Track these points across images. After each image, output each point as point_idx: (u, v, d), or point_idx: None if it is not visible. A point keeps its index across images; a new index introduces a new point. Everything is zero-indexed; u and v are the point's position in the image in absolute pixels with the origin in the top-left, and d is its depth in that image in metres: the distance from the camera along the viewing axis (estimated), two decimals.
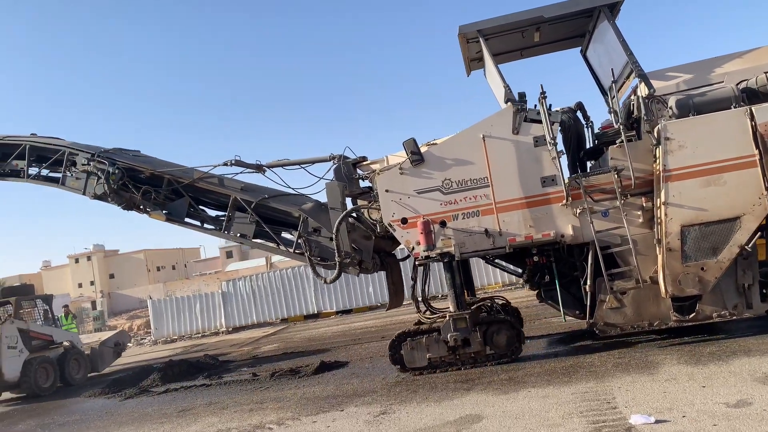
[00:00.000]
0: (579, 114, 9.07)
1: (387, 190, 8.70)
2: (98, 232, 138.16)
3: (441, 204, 8.46)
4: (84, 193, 11.37)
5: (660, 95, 7.76)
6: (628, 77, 8.45)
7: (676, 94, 7.85)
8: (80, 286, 72.00)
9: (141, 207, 10.97)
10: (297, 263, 34.85)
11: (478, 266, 22.78)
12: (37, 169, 12.42)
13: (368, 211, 9.49)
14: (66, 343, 15.13)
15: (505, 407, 6.33)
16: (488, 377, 7.84)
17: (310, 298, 24.61)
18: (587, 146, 9.20)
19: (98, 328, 33.26)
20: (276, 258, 54.17)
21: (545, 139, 7.96)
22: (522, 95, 8.29)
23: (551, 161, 8.02)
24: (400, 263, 10.91)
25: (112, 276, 73.35)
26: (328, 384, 9.43)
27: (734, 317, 7.55)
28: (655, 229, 7.57)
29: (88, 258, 73.71)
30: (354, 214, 9.58)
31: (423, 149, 8.68)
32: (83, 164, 11.29)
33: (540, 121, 8.03)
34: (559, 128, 8.27)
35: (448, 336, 8.25)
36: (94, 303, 56.61)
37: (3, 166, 12.56)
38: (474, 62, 9.93)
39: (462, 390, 7.42)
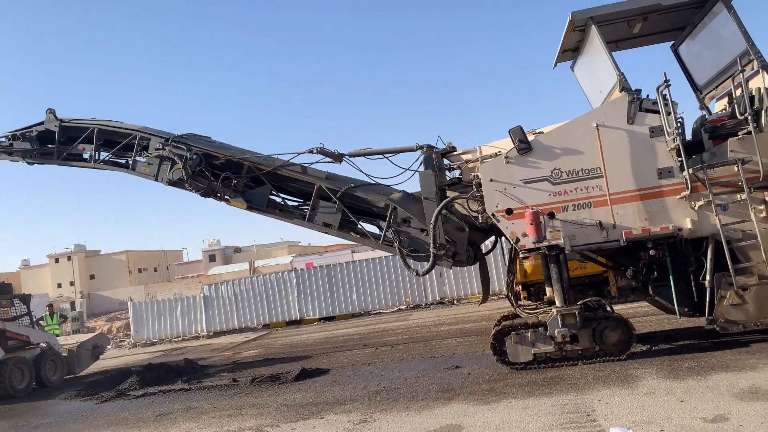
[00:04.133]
0: None
1: (491, 180, 8.46)
2: (81, 232, 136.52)
3: (549, 194, 8.22)
4: (156, 179, 11.08)
5: None
6: (742, 70, 8.07)
7: None
8: (59, 286, 70.98)
9: (219, 194, 10.70)
10: (281, 269, 34.76)
11: (458, 276, 22.89)
12: (102, 155, 12.05)
13: (467, 202, 9.22)
14: (43, 344, 14.90)
15: (486, 418, 6.33)
16: (470, 387, 7.84)
17: (292, 304, 24.47)
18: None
19: (77, 330, 32.73)
20: (259, 263, 53.84)
21: (662, 130, 7.81)
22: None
23: (668, 153, 7.86)
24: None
25: (92, 277, 72.43)
26: (308, 391, 9.37)
27: None
28: None
29: (69, 258, 72.74)
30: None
31: (530, 138, 8.43)
32: (157, 149, 10.97)
33: (656, 111, 7.89)
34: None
35: (556, 331, 8.01)
36: (73, 304, 55.79)
37: (67, 150, 12.17)
38: (566, 53, 9.75)
39: (443, 399, 7.41)
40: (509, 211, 8.36)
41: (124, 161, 11.86)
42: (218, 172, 10.69)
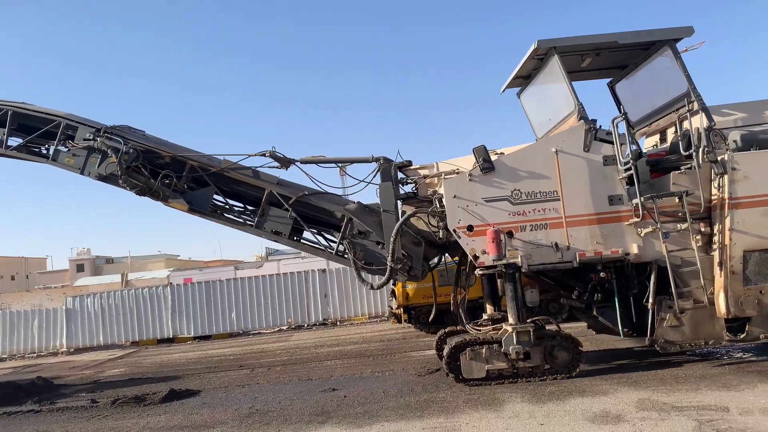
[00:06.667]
0: None
1: (455, 196, 8.54)
2: None
3: (509, 214, 8.44)
4: (83, 173, 9.99)
5: (718, 128, 8.28)
6: (677, 110, 8.81)
7: (737, 129, 8.44)
8: None
9: (157, 194, 9.78)
10: (156, 283, 32.97)
11: (342, 297, 22.95)
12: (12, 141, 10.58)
13: (428, 217, 9.16)
14: None
15: None
16: (344, 410, 7.81)
17: (165, 320, 23.25)
18: None
19: None
20: (133, 275, 50.77)
21: (614, 159, 8.27)
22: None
23: (619, 181, 8.34)
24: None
25: None
26: (175, 414, 8.88)
27: None
28: (717, 253, 7.97)
29: None
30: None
31: (493, 158, 8.62)
32: (86, 139, 9.90)
33: (610, 142, 8.30)
34: None
35: (510, 348, 8.12)
36: None
37: None
38: (516, 80, 10.01)
39: (317, 423, 7.32)
40: (470, 228, 8.53)
41: (40, 150, 10.69)
42: (156, 170, 9.95)
